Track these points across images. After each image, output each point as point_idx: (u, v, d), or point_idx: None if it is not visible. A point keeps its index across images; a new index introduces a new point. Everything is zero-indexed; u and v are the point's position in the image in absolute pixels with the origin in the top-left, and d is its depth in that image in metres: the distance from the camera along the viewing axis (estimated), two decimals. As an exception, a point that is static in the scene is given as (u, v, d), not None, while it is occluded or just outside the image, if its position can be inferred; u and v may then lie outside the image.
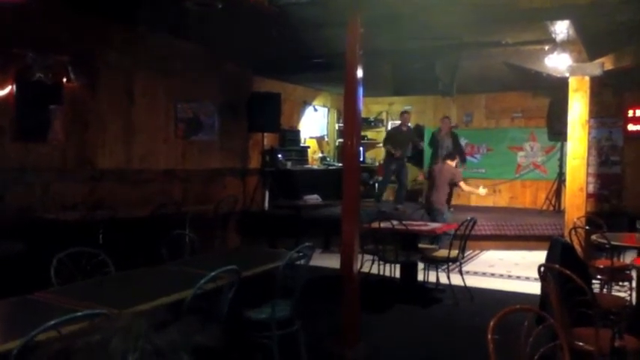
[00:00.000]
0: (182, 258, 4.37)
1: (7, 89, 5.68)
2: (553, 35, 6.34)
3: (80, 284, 3.32)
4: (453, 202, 10.70)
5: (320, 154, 11.95)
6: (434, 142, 10.45)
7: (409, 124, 10.54)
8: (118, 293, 3.20)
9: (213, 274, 2.98)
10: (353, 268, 4.50)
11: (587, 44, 6.55)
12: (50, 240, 4.91)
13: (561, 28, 6.02)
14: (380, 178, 10.46)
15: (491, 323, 2.19)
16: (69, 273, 3.44)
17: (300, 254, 3.87)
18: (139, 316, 0.81)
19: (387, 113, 12.06)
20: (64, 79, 6.19)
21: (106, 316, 2.31)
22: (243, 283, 3.31)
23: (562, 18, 5.63)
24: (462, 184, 7.71)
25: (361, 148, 11.03)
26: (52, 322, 2.10)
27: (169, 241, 4.32)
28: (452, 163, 7.84)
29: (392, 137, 10.32)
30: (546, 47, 7.04)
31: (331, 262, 6.37)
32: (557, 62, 6.90)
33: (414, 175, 12.40)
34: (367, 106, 12.05)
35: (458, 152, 10.39)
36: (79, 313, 2.23)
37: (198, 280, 2.91)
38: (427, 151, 11.47)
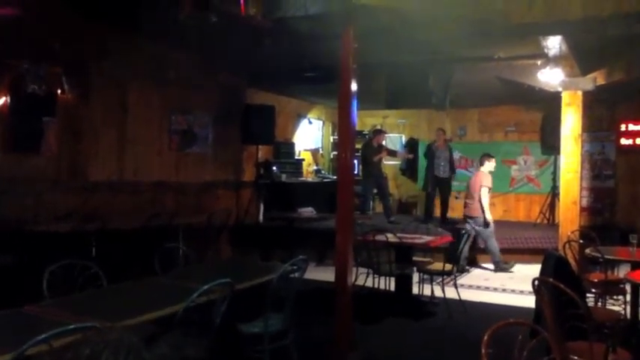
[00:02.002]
0: (175, 270, 4.34)
1: (1, 100, 5.66)
2: (545, 50, 6.40)
3: (72, 297, 3.29)
4: (449, 214, 10.75)
5: (315, 167, 11.96)
6: (429, 154, 10.48)
7: (382, 143, 10.49)
8: (110, 306, 3.17)
9: (205, 287, 2.96)
10: (347, 280, 4.49)
11: (579, 59, 6.62)
12: (42, 252, 4.87)
13: (553, 43, 6.08)
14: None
15: (485, 337, 2.18)
16: (61, 285, 3.41)
17: (294, 267, 3.85)
18: (129, 329, 0.80)
19: (381, 126, 12.09)
20: (58, 91, 6.18)
21: (97, 329, 2.29)
22: (236, 296, 3.29)
23: (554, 33, 5.69)
24: (482, 190, 7.74)
25: (355, 161, 11.09)
26: (43, 336, 2.07)
27: (162, 253, 4.30)
28: (484, 169, 7.88)
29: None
30: (539, 62, 7.11)
31: (326, 275, 6.34)
32: (550, 77, 6.97)
33: (409, 188, 12.44)
34: (361, 119, 12.10)
35: (450, 165, 10.46)
36: (70, 327, 2.21)
37: (191, 293, 2.89)
38: (423, 163, 11.51)
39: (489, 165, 8.05)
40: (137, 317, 2.73)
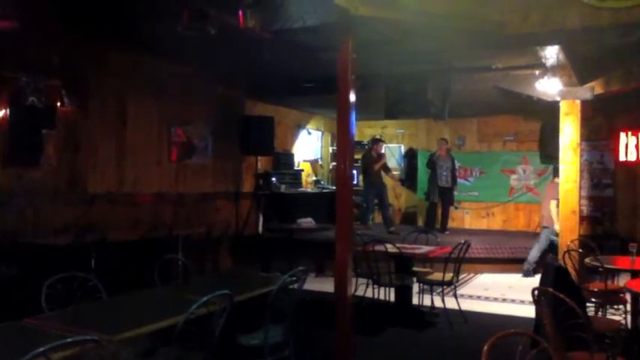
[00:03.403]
0: (174, 282, 4.33)
1: (0, 113, 5.67)
2: (543, 60, 6.43)
3: (71, 310, 3.28)
4: (451, 224, 10.75)
5: (314, 178, 11.97)
6: (431, 164, 10.50)
7: (381, 152, 10.57)
8: (109, 318, 3.15)
9: (204, 299, 2.95)
10: (346, 291, 4.47)
11: (577, 69, 6.65)
12: (41, 264, 4.86)
13: (551, 53, 6.11)
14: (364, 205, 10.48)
15: (485, 347, 2.17)
16: (60, 298, 3.40)
17: (294, 278, 3.84)
18: (127, 342, 0.80)
19: (380, 136, 12.11)
20: (57, 103, 6.20)
21: (95, 342, 2.29)
22: (235, 307, 3.28)
23: (551, 43, 5.71)
24: (551, 202, 7.80)
25: (354, 172, 11.11)
26: (42, 349, 2.07)
27: (161, 264, 4.29)
28: (558, 180, 7.91)
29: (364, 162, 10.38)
30: (537, 72, 7.14)
31: (325, 286, 6.32)
32: (548, 87, 6.99)
33: (409, 198, 12.45)
34: (360, 130, 12.14)
35: (452, 175, 10.48)
36: (69, 340, 2.20)
37: (190, 305, 2.89)
38: (422, 174, 11.53)
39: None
40: (136, 330, 2.72)
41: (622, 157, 9.58)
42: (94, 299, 3.51)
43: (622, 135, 9.62)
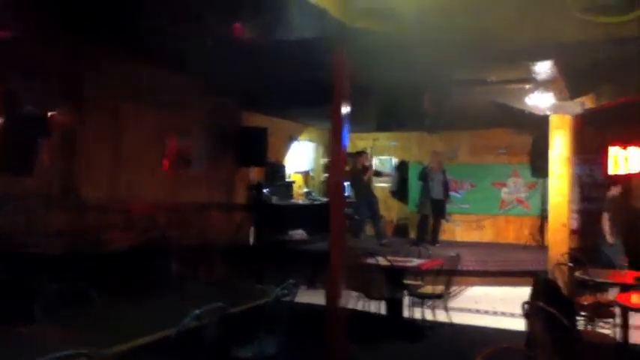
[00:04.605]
0: (167, 292, 4.31)
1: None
2: (534, 74, 6.50)
3: (64, 318, 3.25)
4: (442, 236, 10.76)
5: (305, 189, 11.97)
6: (424, 177, 10.54)
7: (367, 164, 10.61)
8: (102, 329, 3.14)
9: (197, 311, 2.94)
10: (338, 304, 4.47)
11: (568, 83, 6.73)
12: (34, 271, 4.83)
13: (543, 68, 6.18)
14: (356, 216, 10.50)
15: (478, 362, 2.18)
16: (53, 305, 3.38)
17: (286, 291, 3.84)
18: (119, 356, 0.80)
19: (371, 149, 12.19)
20: (52, 110, 6.18)
21: (86, 356, 2.27)
22: (228, 319, 3.27)
23: (544, 57, 5.78)
24: (603, 215, 7.74)
25: (346, 183, 11.11)
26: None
27: (154, 273, 4.27)
28: (614, 190, 7.92)
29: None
30: (527, 86, 7.21)
31: (316, 298, 6.31)
32: (539, 101, 7.07)
33: (400, 210, 12.47)
34: (352, 142, 12.15)
35: (444, 187, 10.52)
36: (58, 354, 2.18)
37: (183, 315, 2.88)
38: (414, 186, 11.57)
39: (614, 190, 8.10)
40: (128, 343, 2.71)
41: (611, 171, 9.69)
42: (86, 307, 3.49)
43: (611, 149, 9.73)
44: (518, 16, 4.81)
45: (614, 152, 9.79)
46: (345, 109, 4.68)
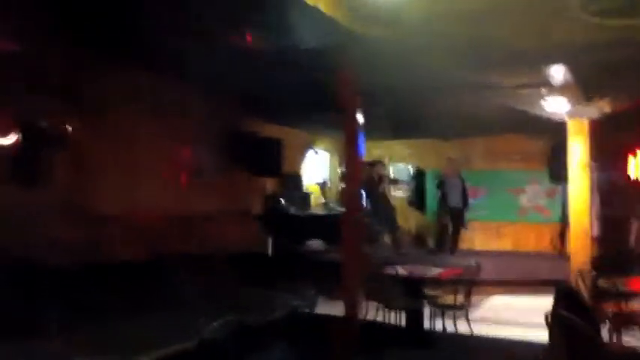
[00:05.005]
0: (180, 304, 4.30)
1: (7, 134, 5.70)
2: (549, 78, 6.42)
3: (76, 332, 3.25)
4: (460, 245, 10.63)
5: (322, 199, 11.93)
6: (441, 185, 10.45)
7: (382, 172, 10.63)
8: (115, 343, 3.13)
9: (213, 325, 2.92)
10: (355, 315, 4.42)
11: (584, 87, 6.63)
12: (46, 286, 4.84)
13: (557, 71, 6.10)
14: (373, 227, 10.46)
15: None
16: (63, 319, 3.39)
17: (303, 301, 3.81)
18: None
19: (388, 158, 12.14)
20: (64, 124, 6.23)
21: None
22: (244, 332, 3.24)
23: (557, 61, 5.71)
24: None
25: (363, 192, 11.05)
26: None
27: (167, 286, 4.26)
28: None
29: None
30: (543, 90, 7.12)
31: (335, 309, 6.26)
32: (555, 105, 6.97)
33: (418, 219, 12.36)
34: (368, 150, 12.12)
35: (463, 195, 10.40)
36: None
37: (197, 329, 2.86)
38: (431, 194, 11.48)
39: None
40: (141, 357, 2.69)
41: (632, 176, 9.51)
42: (98, 321, 3.49)
43: (631, 156, 9.56)
44: (527, 20, 4.76)
45: (634, 159, 9.61)
46: (358, 118, 4.65)
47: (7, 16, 5.01)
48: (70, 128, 6.24)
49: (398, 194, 11.09)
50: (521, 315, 7.30)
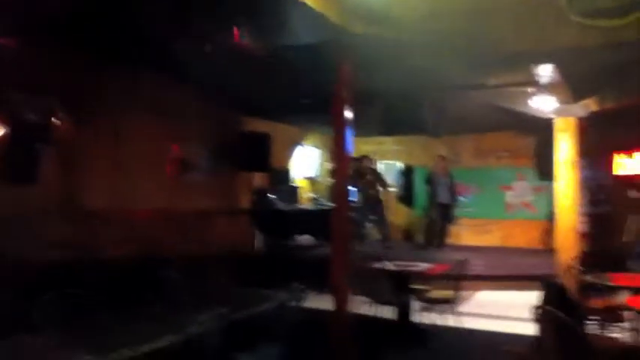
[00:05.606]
0: (170, 300, 4.28)
1: (-4, 130, 5.64)
2: (537, 78, 6.47)
3: (64, 328, 3.23)
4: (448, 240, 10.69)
5: (311, 194, 11.94)
6: (430, 181, 10.50)
7: (369, 167, 10.68)
8: (102, 338, 3.11)
9: (200, 318, 2.91)
10: (344, 310, 4.44)
11: (572, 86, 6.69)
12: (33, 281, 4.81)
13: (545, 71, 6.15)
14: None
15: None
16: (53, 316, 3.36)
17: (291, 296, 3.82)
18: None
19: (373, 154, 12.15)
20: (53, 119, 6.17)
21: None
22: (231, 326, 3.24)
23: (544, 61, 5.76)
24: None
25: (352, 188, 11.05)
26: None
27: (157, 282, 4.25)
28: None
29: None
30: (531, 89, 7.17)
31: (324, 304, 6.27)
32: (543, 104, 7.03)
33: (408, 216, 12.41)
34: (357, 146, 12.11)
35: (451, 191, 10.47)
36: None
37: (185, 325, 2.85)
38: (420, 190, 11.53)
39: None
40: (130, 350, 2.68)
41: (616, 172, 9.65)
42: (87, 317, 3.47)
43: (616, 155, 9.70)
44: (516, 20, 4.79)
45: (619, 158, 9.73)
46: (348, 114, 4.66)
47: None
48: (58, 123, 6.18)
49: (386, 190, 11.11)
50: (508, 310, 7.36)
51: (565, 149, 6.91)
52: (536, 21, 4.83)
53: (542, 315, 3.28)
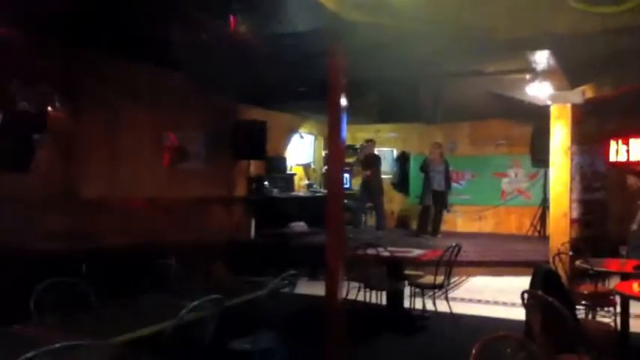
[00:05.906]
0: (166, 287, 4.31)
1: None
2: (533, 64, 6.47)
3: (60, 316, 3.26)
4: (442, 227, 10.76)
5: (306, 181, 11.97)
6: (425, 168, 10.54)
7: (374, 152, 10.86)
8: (99, 324, 3.15)
9: (195, 303, 2.95)
10: (337, 296, 4.48)
11: (568, 73, 6.70)
12: (31, 270, 4.83)
13: (542, 58, 6.16)
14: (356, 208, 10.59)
15: (474, 350, 2.19)
16: (50, 304, 3.39)
17: (285, 282, 3.85)
18: (116, 348, 0.80)
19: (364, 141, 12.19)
20: (49, 108, 6.17)
21: (83, 347, 2.28)
22: (226, 312, 3.28)
23: (540, 48, 5.76)
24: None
25: (347, 175, 11.12)
26: (30, 355, 2.06)
27: (153, 270, 4.28)
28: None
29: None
30: (527, 76, 7.18)
31: (318, 290, 6.32)
32: (538, 91, 7.04)
33: (403, 203, 12.47)
34: (353, 134, 12.16)
35: (446, 178, 10.51)
36: (57, 345, 2.19)
37: (181, 310, 2.88)
38: (415, 177, 11.57)
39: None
40: (126, 335, 2.72)
41: (612, 159, 9.67)
42: (84, 306, 3.50)
43: (612, 142, 9.72)
44: (512, 6, 4.79)
45: (615, 145, 9.75)
46: (342, 102, 4.67)
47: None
48: (51, 110, 6.17)
49: (382, 177, 11.16)
50: (500, 295, 7.44)
51: (560, 136, 6.94)
52: (533, 7, 4.82)
53: (532, 300, 3.32)
